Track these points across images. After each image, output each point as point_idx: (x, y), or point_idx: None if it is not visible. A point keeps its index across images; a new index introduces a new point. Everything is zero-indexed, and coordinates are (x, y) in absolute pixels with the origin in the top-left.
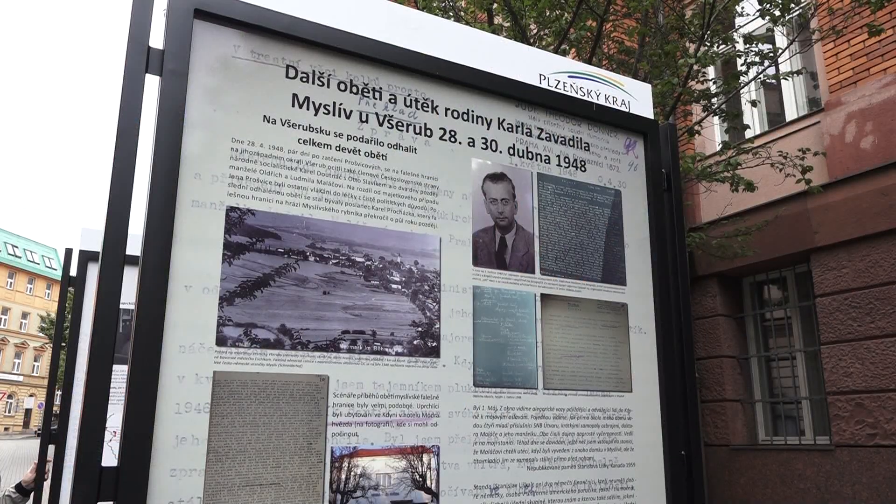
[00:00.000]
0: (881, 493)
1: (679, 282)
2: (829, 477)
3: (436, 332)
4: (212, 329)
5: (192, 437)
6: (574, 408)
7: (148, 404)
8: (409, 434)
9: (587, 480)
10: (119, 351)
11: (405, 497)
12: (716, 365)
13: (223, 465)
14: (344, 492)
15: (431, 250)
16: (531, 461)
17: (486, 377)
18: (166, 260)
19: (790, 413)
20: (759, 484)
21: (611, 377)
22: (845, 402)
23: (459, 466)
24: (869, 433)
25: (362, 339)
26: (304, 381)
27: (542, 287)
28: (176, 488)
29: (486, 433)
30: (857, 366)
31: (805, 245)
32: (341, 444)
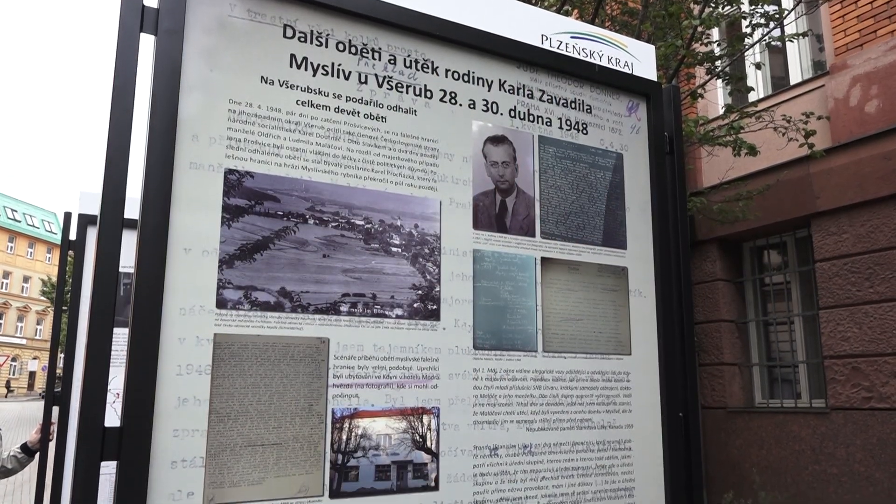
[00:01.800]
0: (875, 454)
1: (679, 245)
2: (823, 439)
3: (436, 295)
4: (212, 292)
5: (193, 398)
6: (573, 370)
7: (149, 366)
8: (409, 396)
9: (586, 441)
10: (120, 314)
11: (405, 457)
12: (714, 329)
13: (225, 425)
14: (345, 452)
15: (431, 213)
16: (530, 422)
17: (486, 340)
18: (165, 222)
19: (787, 377)
20: (754, 445)
21: (610, 340)
22: (842, 365)
23: (459, 427)
24: (864, 396)
25: (362, 302)
26: (305, 343)
27: (543, 250)
28: (178, 448)
29: (485, 395)
30: (855, 330)
31: (806, 210)
32: (342, 405)
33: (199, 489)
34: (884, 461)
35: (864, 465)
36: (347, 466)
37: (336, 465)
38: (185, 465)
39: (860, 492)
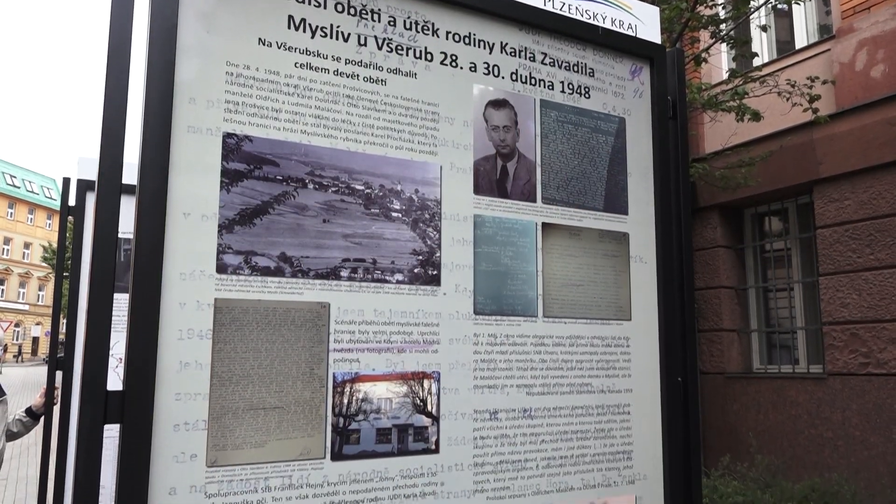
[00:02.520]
0: (870, 419)
1: (681, 211)
2: (820, 404)
3: (436, 260)
4: (212, 256)
5: (195, 362)
6: (573, 335)
7: (150, 330)
8: (409, 360)
9: (585, 405)
10: (121, 280)
11: (406, 420)
12: (714, 295)
13: (227, 389)
14: (346, 415)
15: (432, 178)
16: (530, 387)
17: (487, 305)
18: (164, 187)
19: (785, 343)
20: (751, 410)
21: (610, 306)
22: (840, 332)
23: (459, 391)
24: (862, 362)
25: (363, 268)
26: (306, 308)
27: (544, 216)
28: (181, 411)
29: (485, 360)
30: (854, 297)
31: (808, 176)
32: (343, 369)
33: (201, 451)
34: (879, 425)
35: (859, 429)
36: (349, 430)
37: (337, 428)
38: (187, 428)
39: (855, 455)
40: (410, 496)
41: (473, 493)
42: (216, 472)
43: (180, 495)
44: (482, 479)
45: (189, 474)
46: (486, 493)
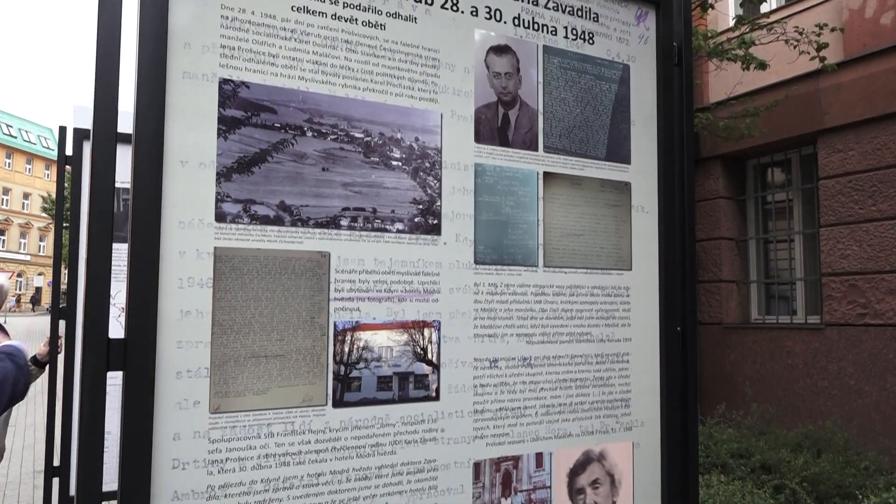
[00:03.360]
0: (865, 368)
1: (684, 161)
2: (816, 354)
3: (437, 209)
4: (210, 205)
5: (196, 310)
6: (573, 285)
7: (150, 279)
8: (410, 309)
9: (584, 354)
10: (121, 230)
11: (407, 368)
12: (714, 247)
13: (228, 337)
14: (347, 363)
15: (432, 126)
16: (530, 336)
17: (487, 255)
18: (160, 135)
19: (784, 294)
20: (748, 360)
21: (611, 255)
22: (839, 283)
23: (460, 340)
24: (859, 313)
25: (363, 217)
26: (306, 257)
27: (545, 165)
28: (183, 359)
29: (486, 309)
30: (854, 248)
31: (813, 126)
32: (344, 318)
33: (204, 398)
34: (874, 374)
35: (854, 378)
36: (350, 377)
37: (339, 375)
38: (190, 376)
39: (849, 404)
40: (411, 442)
41: (473, 439)
42: (219, 419)
43: (184, 441)
44: (482, 426)
45: (192, 420)
46: (485, 439)
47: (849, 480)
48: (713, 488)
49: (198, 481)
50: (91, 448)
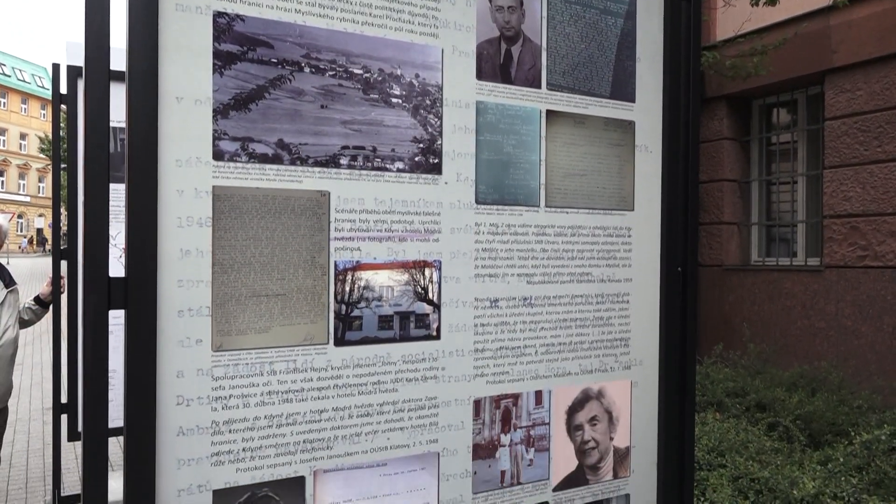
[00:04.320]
0: (863, 310)
1: (690, 99)
2: (815, 295)
3: (437, 148)
4: (208, 143)
5: (196, 249)
6: (575, 225)
7: (149, 218)
8: (410, 249)
9: (584, 294)
10: (118, 171)
11: (408, 308)
12: (716, 188)
13: (229, 276)
14: (348, 303)
15: (433, 62)
16: (531, 276)
17: (488, 194)
18: (154, 70)
19: (784, 236)
20: (746, 301)
21: (613, 196)
22: (840, 225)
23: (460, 280)
24: (860, 255)
25: (362, 155)
26: (305, 196)
27: (548, 103)
28: (184, 298)
29: (486, 249)
30: (858, 189)
31: (821, 65)
32: (344, 258)
33: (206, 336)
34: (871, 316)
35: (851, 319)
36: (351, 316)
37: (340, 315)
38: (191, 314)
39: (845, 345)
40: (412, 380)
41: (473, 377)
42: (222, 357)
43: (188, 378)
44: (482, 364)
45: (195, 358)
46: (485, 377)
47: (842, 418)
48: (708, 426)
49: (202, 417)
50: (95, 385)
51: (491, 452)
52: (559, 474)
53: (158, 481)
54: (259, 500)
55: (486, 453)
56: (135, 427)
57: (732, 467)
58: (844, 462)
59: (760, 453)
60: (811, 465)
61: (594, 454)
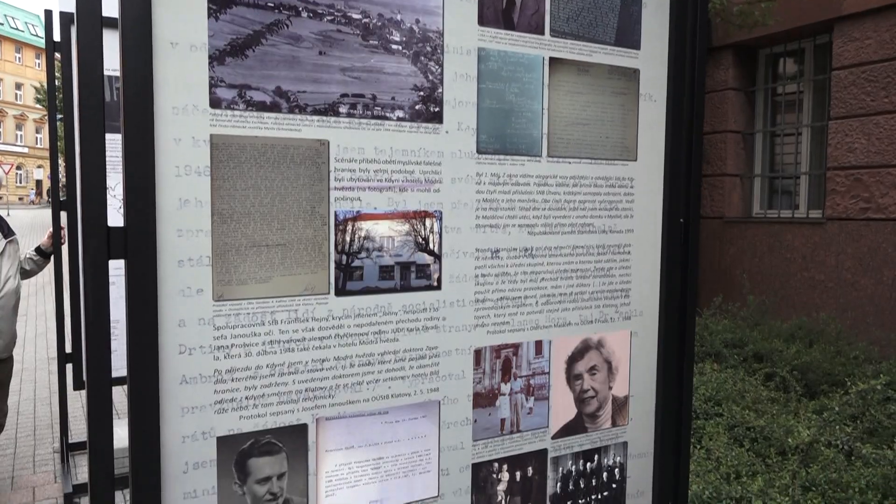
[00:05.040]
0: (863, 262)
1: (696, 47)
2: (815, 248)
3: (438, 96)
4: (204, 90)
5: (194, 199)
6: (577, 175)
7: (146, 166)
8: (411, 199)
9: (586, 245)
10: (115, 120)
11: (409, 258)
12: (720, 140)
13: (228, 226)
14: (349, 253)
15: (434, 7)
16: (532, 226)
17: (490, 144)
18: (147, 14)
19: (787, 188)
20: (747, 253)
21: (616, 145)
22: (844, 176)
23: (461, 231)
24: (862, 207)
25: (362, 103)
26: (304, 145)
27: (552, 50)
28: (184, 247)
29: (488, 199)
30: (863, 141)
31: (830, 13)
32: (344, 207)
33: (207, 286)
34: (871, 268)
35: (851, 272)
36: (352, 266)
37: (340, 265)
38: (192, 264)
39: (844, 296)
40: (413, 330)
41: (474, 327)
42: (223, 306)
43: (189, 327)
44: (483, 315)
45: (197, 308)
46: (486, 327)
47: (838, 369)
48: (706, 376)
49: (204, 366)
50: (98, 334)
51: (491, 401)
52: (558, 422)
53: (163, 428)
54: (262, 446)
55: (487, 402)
56: (138, 376)
57: (729, 416)
58: (839, 411)
59: (757, 403)
60: (806, 415)
61: (593, 403)
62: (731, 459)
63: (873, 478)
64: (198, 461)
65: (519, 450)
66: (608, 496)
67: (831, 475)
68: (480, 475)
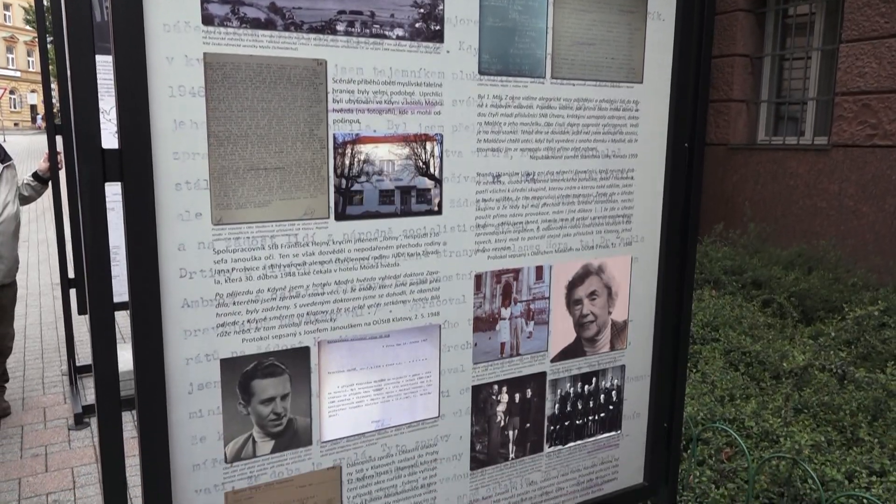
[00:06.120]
0: (866, 189)
1: None
2: (819, 175)
3: (439, 14)
4: (195, 5)
5: (190, 121)
6: (581, 98)
7: (139, 86)
8: (411, 122)
9: (588, 170)
10: (106, 41)
11: (409, 182)
12: (727, 64)
13: (225, 149)
14: (349, 177)
15: None
16: (534, 150)
17: (492, 64)
18: None
19: (793, 114)
20: (750, 181)
21: (622, 67)
22: (852, 102)
23: (462, 154)
24: (869, 133)
25: (360, 21)
26: (301, 65)
27: None
28: (181, 170)
29: (490, 122)
30: (874, 65)
31: None
32: (343, 130)
33: (206, 210)
34: (874, 196)
35: (853, 199)
36: (352, 191)
37: (340, 189)
38: (189, 187)
39: (845, 224)
40: (414, 255)
41: (475, 252)
42: (222, 230)
43: (189, 251)
44: (483, 240)
45: (196, 231)
46: (486, 252)
47: (836, 296)
48: (704, 302)
49: (206, 290)
50: (97, 258)
51: (491, 325)
52: (557, 346)
53: (166, 351)
54: (265, 368)
55: (487, 326)
56: (140, 300)
57: (725, 341)
58: (835, 337)
59: (753, 328)
60: (802, 340)
61: (592, 327)
62: (726, 383)
63: (864, 400)
64: (202, 382)
65: (518, 373)
66: (605, 417)
67: (823, 398)
68: (480, 397)
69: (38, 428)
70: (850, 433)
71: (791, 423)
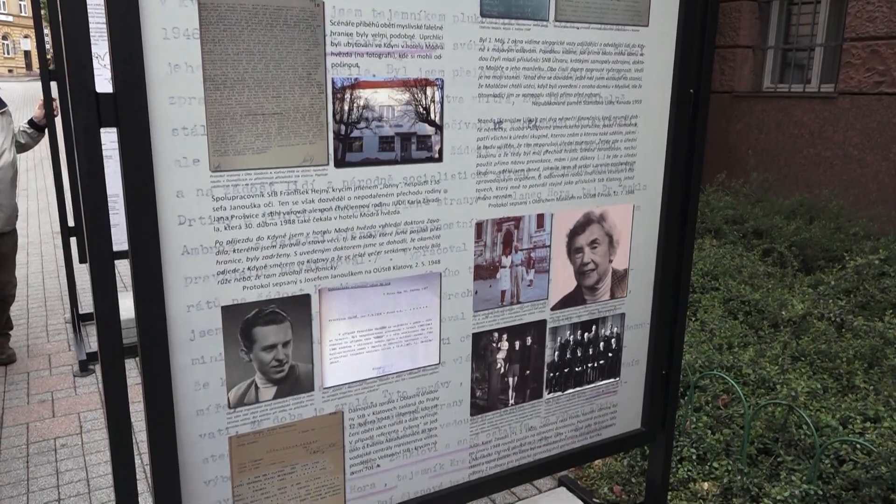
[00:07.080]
0: (871, 138)
1: None
2: (824, 123)
3: None
4: None
5: (185, 64)
6: (585, 42)
7: (131, 27)
8: (411, 66)
9: (591, 116)
10: None
11: (409, 129)
12: (734, 8)
13: (222, 93)
14: (348, 122)
15: None
16: (536, 96)
17: (494, 6)
18: None
19: (800, 61)
20: (754, 129)
21: (627, 10)
22: (861, 48)
23: (464, 100)
24: (876, 80)
25: None
26: (298, 6)
27: None
28: (177, 115)
29: (491, 67)
30: (885, 10)
31: None
32: (342, 74)
33: (203, 156)
34: (879, 145)
35: (858, 149)
36: (351, 137)
37: (339, 135)
38: (186, 133)
39: (849, 174)
40: (414, 202)
41: (476, 200)
42: (221, 177)
43: (188, 198)
44: (485, 188)
45: (194, 178)
46: (487, 200)
47: (836, 245)
48: (705, 251)
49: (205, 237)
50: (95, 205)
51: (492, 273)
52: (557, 294)
53: (167, 298)
54: (266, 315)
55: (487, 274)
56: (139, 245)
57: (725, 290)
58: (835, 285)
59: (753, 277)
60: (802, 289)
61: (593, 276)
62: (725, 331)
63: (861, 348)
64: (204, 329)
65: (518, 320)
66: (604, 364)
67: (821, 346)
68: (480, 344)
69: (44, 374)
70: (847, 380)
71: (788, 370)
